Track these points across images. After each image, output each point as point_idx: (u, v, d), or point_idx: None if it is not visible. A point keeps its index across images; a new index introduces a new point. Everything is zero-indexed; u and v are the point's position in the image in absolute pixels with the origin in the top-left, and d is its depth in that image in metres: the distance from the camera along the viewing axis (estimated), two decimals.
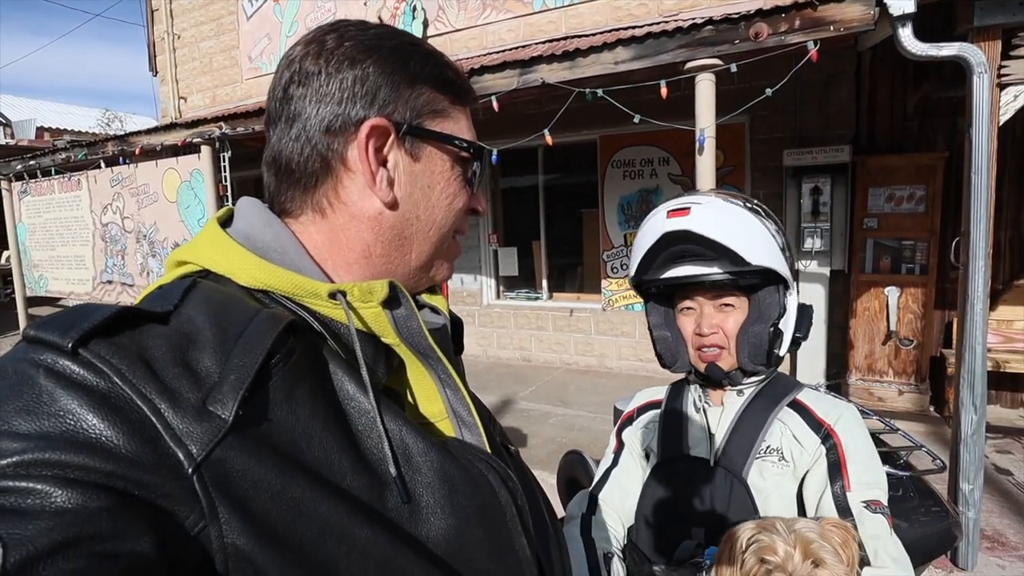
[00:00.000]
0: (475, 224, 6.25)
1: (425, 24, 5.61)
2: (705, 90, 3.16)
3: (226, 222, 0.56)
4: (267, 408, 0.42)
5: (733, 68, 3.10)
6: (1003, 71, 2.61)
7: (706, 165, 3.17)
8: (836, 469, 1.01)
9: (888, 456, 1.44)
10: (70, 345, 0.37)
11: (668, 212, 1.07)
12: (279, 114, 0.55)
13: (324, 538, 0.41)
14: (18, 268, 7.12)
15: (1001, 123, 2.63)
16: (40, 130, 12.98)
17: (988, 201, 2.57)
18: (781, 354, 1.10)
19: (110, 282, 6.22)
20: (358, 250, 0.55)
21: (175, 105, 7.60)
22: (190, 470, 0.37)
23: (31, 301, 7.24)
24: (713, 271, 1.07)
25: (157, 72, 7.84)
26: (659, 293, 1.19)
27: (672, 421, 1.18)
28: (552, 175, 6.03)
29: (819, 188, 4.36)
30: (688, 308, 1.13)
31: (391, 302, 0.53)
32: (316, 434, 0.44)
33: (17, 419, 0.35)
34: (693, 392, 1.18)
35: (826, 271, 4.50)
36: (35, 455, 0.34)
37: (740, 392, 1.12)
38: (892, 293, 4.37)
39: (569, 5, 4.99)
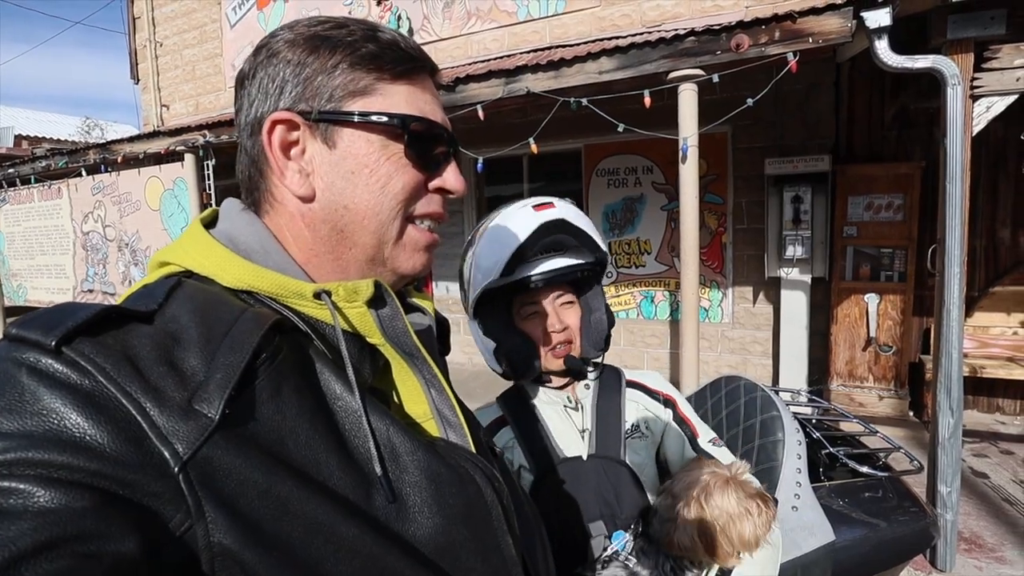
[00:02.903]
0: (459, 232, 6.23)
1: (410, 32, 5.63)
2: (688, 100, 3.20)
3: (211, 224, 0.56)
4: (254, 407, 0.42)
5: (715, 78, 3.15)
6: (976, 83, 2.68)
7: (689, 174, 3.21)
8: (683, 424, 1.18)
9: (867, 457, 1.46)
10: (53, 343, 0.37)
11: (534, 207, 1.09)
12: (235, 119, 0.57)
13: (311, 537, 0.41)
14: None
15: (975, 133, 2.70)
16: (18, 138, 12.74)
17: (963, 209, 2.63)
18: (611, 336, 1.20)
19: (91, 291, 6.12)
20: (307, 247, 0.55)
21: (157, 113, 7.52)
22: (176, 469, 0.37)
23: (9, 311, 7.08)
24: (581, 261, 1.11)
25: (139, 80, 7.74)
26: (495, 302, 1.14)
27: (532, 432, 1.15)
28: (537, 183, 6.05)
29: (800, 197, 4.43)
30: (533, 312, 1.13)
31: (376, 302, 0.53)
32: (303, 433, 0.44)
33: None
34: (552, 395, 1.17)
35: (807, 278, 4.55)
36: (17, 454, 0.33)
37: (587, 386, 1.19)
38: (872, 300, 4.44)
39: (553, 15, 5.03)
